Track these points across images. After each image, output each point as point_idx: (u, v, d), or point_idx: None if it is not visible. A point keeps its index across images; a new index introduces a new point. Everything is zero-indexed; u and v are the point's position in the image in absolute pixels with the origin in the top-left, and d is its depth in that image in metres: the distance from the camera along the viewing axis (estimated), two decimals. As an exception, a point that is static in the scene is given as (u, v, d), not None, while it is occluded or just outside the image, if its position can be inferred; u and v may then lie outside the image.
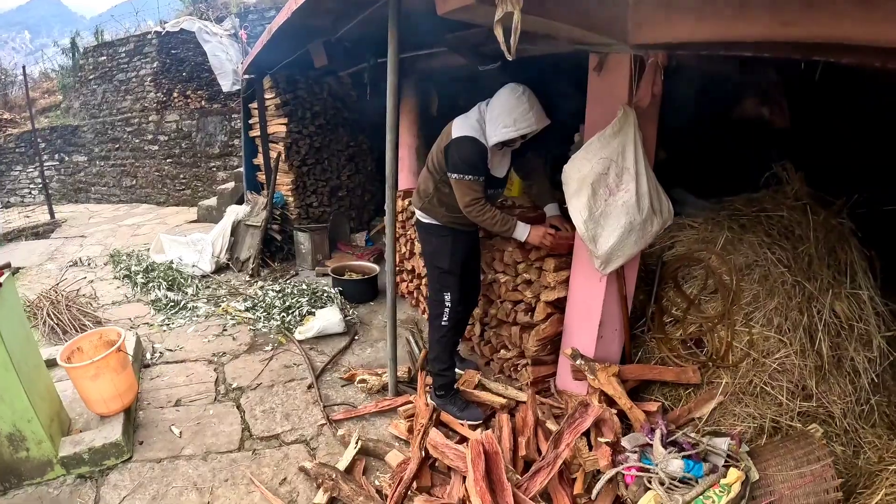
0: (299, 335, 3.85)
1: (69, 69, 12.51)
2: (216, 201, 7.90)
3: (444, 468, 2.36)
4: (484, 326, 3.47)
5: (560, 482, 2.16)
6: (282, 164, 5.59)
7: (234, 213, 5.79)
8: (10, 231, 7.60)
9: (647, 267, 2.87)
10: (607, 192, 2.26)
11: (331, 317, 3.92)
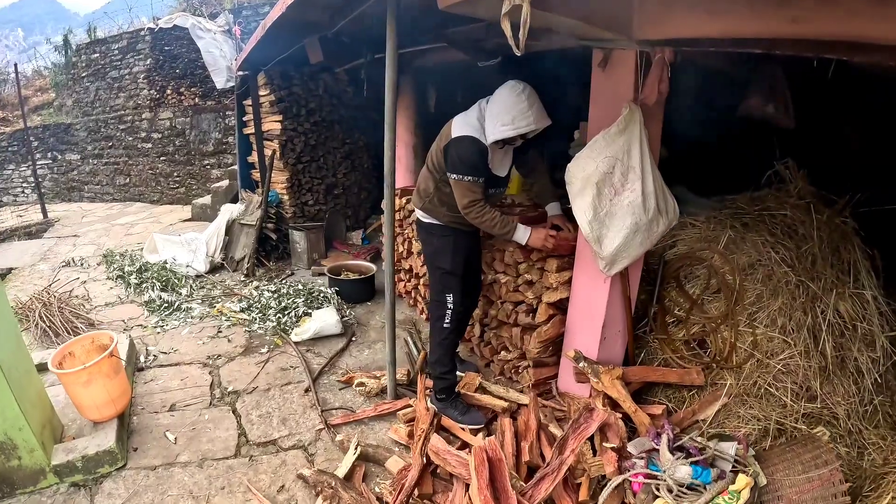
0: (295, 337, 3.80)
1: (62, 67, 12.34)
2: (210, 199, 7.82)
3: (446, 475, 2.31)
4: (484, 327, 3.42)
5: (565, 488, 2.12)
6: (277, 161, 5.52)
7: (228, 211, 5.71)
8: (2, 231, 7.52)
9: (648, 266, 2.83)
10: (612, 191, 2.21)
11: (327, 318, 3.86)
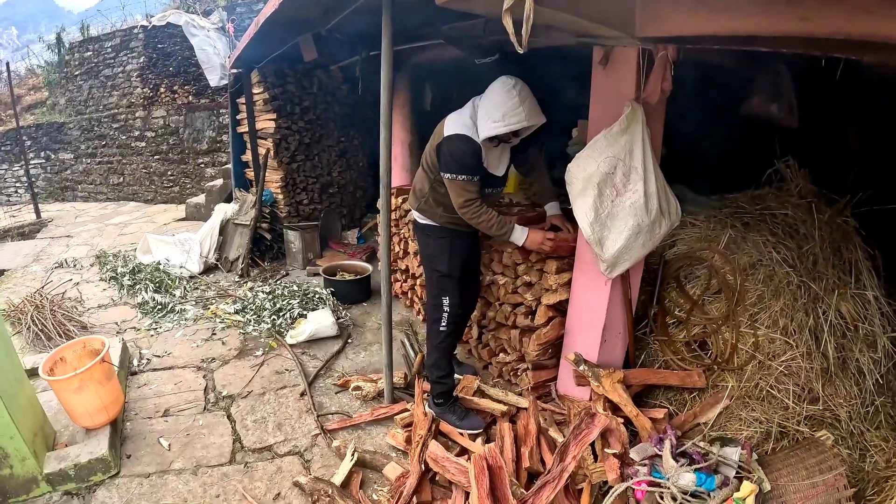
0: (291, 339, 3.74)
1: (55, 65, 12.22)
2: (204, 198, 7.75)
3: (445, 481, 2.27)
4: (482, 329, 3.38)
5: (566, 495, 2.08)
6: (271, 160, 5.46)
7: (222, 211, 5.64)
8: (-5, 231, 7.44)
9: (648, 266, 2.79)
10: (614, 192, 2.17)
11: (323, 320, 3.81)
